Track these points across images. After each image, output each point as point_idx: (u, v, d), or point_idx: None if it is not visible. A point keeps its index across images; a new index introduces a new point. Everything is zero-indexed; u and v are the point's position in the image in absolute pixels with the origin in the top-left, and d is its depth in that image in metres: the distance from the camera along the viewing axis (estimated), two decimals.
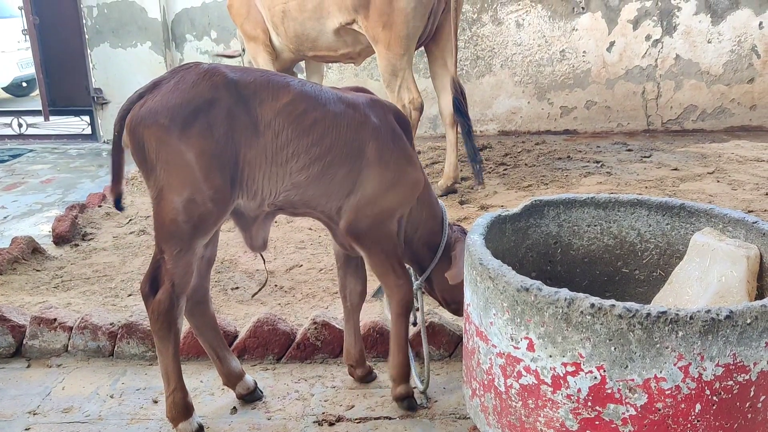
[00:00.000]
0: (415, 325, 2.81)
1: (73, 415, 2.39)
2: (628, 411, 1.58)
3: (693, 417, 1.57)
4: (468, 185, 5.08)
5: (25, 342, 2.79)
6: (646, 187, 4.87)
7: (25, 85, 11.42)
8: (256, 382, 2.47)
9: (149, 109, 1.94)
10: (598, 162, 5.70)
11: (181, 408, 2.18)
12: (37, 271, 3.64)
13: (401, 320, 2.34)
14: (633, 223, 2.37)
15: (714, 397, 1.56)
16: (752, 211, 4.22)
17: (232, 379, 2.41)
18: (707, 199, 4.50)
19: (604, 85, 6.88)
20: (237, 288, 3.42)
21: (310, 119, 2.08)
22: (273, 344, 2.72)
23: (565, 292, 1.60)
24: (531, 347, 1.67)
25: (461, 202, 4.69)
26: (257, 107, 2.03)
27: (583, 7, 6.71)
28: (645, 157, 5.86)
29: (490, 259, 1.81)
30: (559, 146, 6.34)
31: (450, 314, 2.82)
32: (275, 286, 3.44)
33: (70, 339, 2.78)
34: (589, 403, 1.61)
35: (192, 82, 1.96)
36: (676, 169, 5.36)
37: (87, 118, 7.37)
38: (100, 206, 4.70)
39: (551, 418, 1.67)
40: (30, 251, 3.77)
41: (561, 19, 6.75)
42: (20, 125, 7.50)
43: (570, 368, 1.61)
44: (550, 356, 1.63)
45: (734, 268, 1.98)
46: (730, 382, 1.56)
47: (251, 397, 2.44)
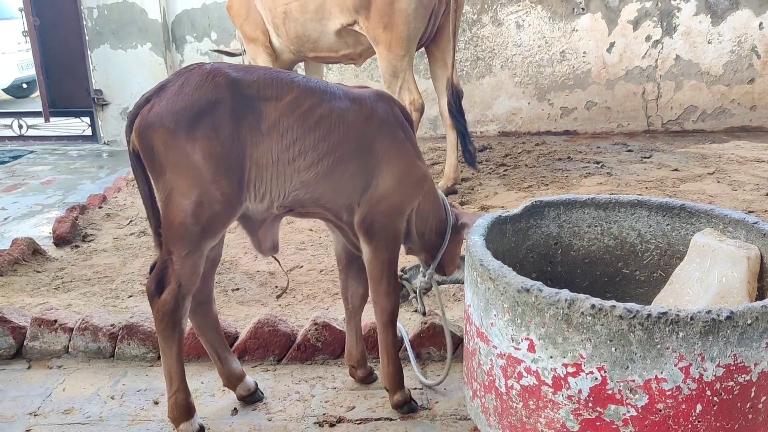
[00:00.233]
0: (425, 314, 2.81)
1: (74, 416, 2.39)
2: (629, 412, 1.58)
3: (694, 417, 1.57)
4: (468, 186, 5.08)
5: (25, 343, 2.79)
6: (647, 188, 4.87)
7: (25, 86, 11.42)
8: (256, 383, 2.47)
9: (156, 113, 1.94)
10: (598, 163, 5.70)
11: (183, 409, 2.18)
12: (38, 272, 3.64)
13: (388, 330, 2.33)
14: (633, 224, 2.37)
15: (715, 398, 1.56)
16: (752, 212, 4.22)
17: (232, 380, 2.41)
18: (707, 200, 4.50)
19: (605, 85, 6.88)
20: (238, 289, 3.42)
21: (316, 115, 2.07)
22: (273, 345, 2.72)
23: (565, 293, 1.60)
24: (532, 348, 1.67)
25: (462, 203, 4.69)
26: (262, 106, 2.01)
27: (583, 8, 6.71)
28: (645, 157, 5.86)
29: (491, 260, 1.81)
30: (559, 147, 6.34)
31: (450, 315, 2.82)
32: (276, 287, 3.44)
33: (70, 340, 2.78)
34: (590, 404, 1.61)
35: (195, 83, 1.96)
36: (676, 170, 5.36)
37: (87, 120, 7.37)
38: (100, 207, 4.70)
39: (552, 419, 1.67)
40: (30, 252, 3.77)
41: (561, 20, 6.76)
42: (20, 126, 7.51)
43: (571, 369, 1.61)
44: (551, 357, 1.63)
45: (735, 269, 1.98)
46: (731, 383, 1.56)
47: (252, 398, 2.44)
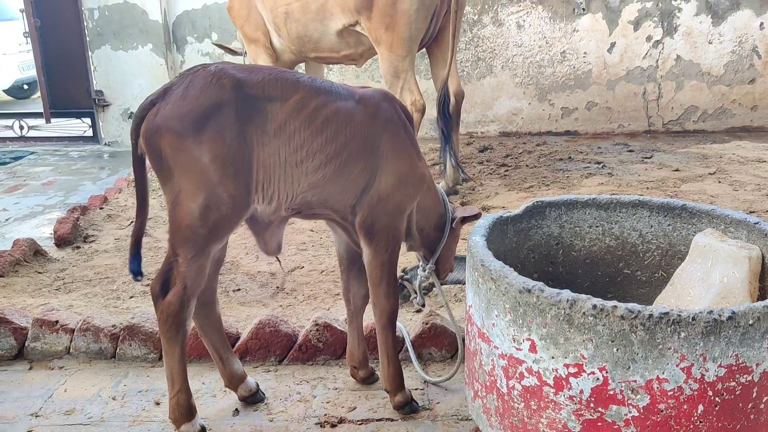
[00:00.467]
0: (423, 306, 2.81)
1: (75, 417, 2.39)
2: (630, 412, 1.58)
3: (695, 418, 1.57)
4: (469, 186, 5.08)
5: (27, 344, 2.79)
6: (648, 188, 4.87)
7: (26, 87, 11.43)
8: (257, 384, 2.47)
9: (162, 117, 1.93)
10: (599, 163, 5.70)
11: (185, 410, 2.18)
12: (39, 273, 3.64)
13: (388, 331, 2.33)
14: (635, 224, 2.37)
15: (716, 398, 1.56)
16: (754, 212, 4.22)
17: (234, 380, 2.41)
18: (709, 200, 4.49)
19: (605, 86, 6.88)
20: (239, 290, 3.42)
21: (323, 116, 2.06)
22: (275, 346, 2.72)
23: (567, 294, 1.60)
24: (533, 348, 1.67)
25: (463, 203, 4.69)
26: (268, 106, 1.99)
27: (583, 9, 6.71)
28: (646, 157, 5.85)
29: (492, 260, 1.81)
30: (560, 147, 6.33)
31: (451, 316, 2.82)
32: (277, 288, 3.44)
33: (72, 341, 2.78)
34: (592, 405, 1.61)
35: (201, 86, 1.94)
36: (677, 170, 5.36)
37: (88, 120, 7.38)
38: (101, 208, 4.70)
39: (554, 419, 1.67)
40: (32, 253, 3.77)
41: (562, 21, 6.76)
42: (21, 127, 7.51)
43: (572, 369, 1.61)
44: (553, 357, 1.63)
45: (736, 269, 1.98)
46: (733, 383, 1.56)
47: (253, 398, 2.44)
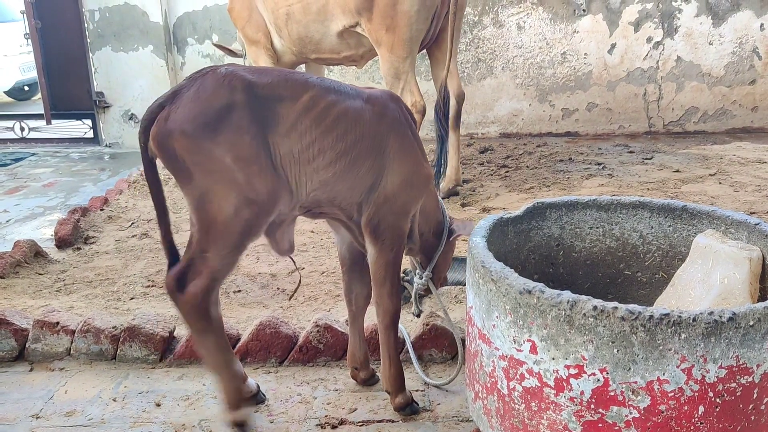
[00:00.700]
0: (419, 316, 2.82)
1: (76, 418, 2.39)
2: (631, 413, 1.58)
3: (696, 419, 1.57)
4: (470, 187, 5.08)
5: (27, 346, 2.79)
6: (648, 189, 4.87)
7: (27, 88, 11.44)
8: (258, 385, 2.47)
9: (174, 121, 1.91)
10: (599, 164, 5.70)
11: (237, 394, 2.19)
12: (40, 274, 3.65)
13: (390, 331, 2.34)
14: (635, 225, 2.37)
15: (717, 399, 1.56)
16: (754, 213, 4.22)
17: None
18: (709, 201, 4.49)
19: (606, 87, 6.89)
20: (239, 291, 3.42)
21: (333, 115, 2.07)
22: (275, 347, 2.72)
23: (567, 295, 1.60)
24: (534, 350, 1.67)
25: (463, 205, 4.69)
26: (279, 107, 2.00)
27: (584, 10, 6.71)
28: (647, 158, 5.85)
29: (493, 261, 1.82)
30: (560, 148, 6.34)
31: (453, 317, 2.82)
32: (277, 289, 3.44)
33: (72, 342, 2.78)
34: (592, 406, 1.61)
35: (212, 88, 1.94)
36: (677, 171, 5.36)
37: (89, 122, 7.38)
38: (102, 210, 4.71)
39: (554, 420, 1.67)
40: (32, 255, 3.77)
41: (562, 22, 6.76)
42: (22, 129, 7.51)
43: (573, 371, 1.61)
44: (553, 359, 1.63)
45: (737, 270, 1.98)
46: (733, 384, 1.56)
47: (254, 400, 2.44)
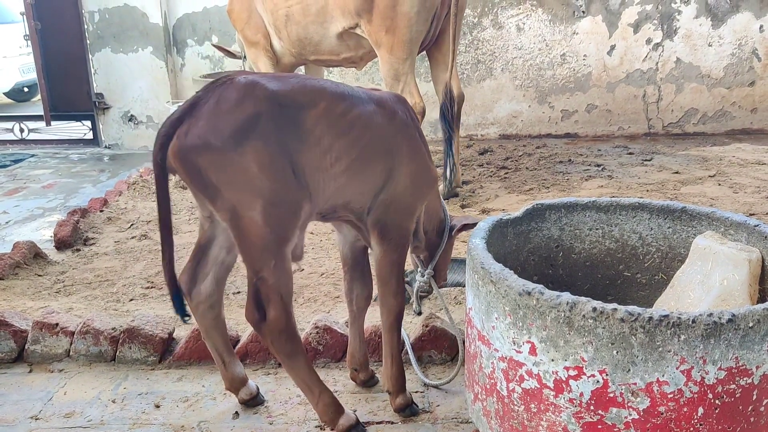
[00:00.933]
0: (420, 314, 2.82)
1: (75, 419, 2.39)
2: (630, 415, 1.58)
3: (695, 420, 1.57)
4: (469, 189, 5.08)
5: (27, 347, 2.79)
6: (648, 191, 4.87)
7: (26, 90, 11.43)
8: (258, 387, 2.47)
9: (197, 135, 1.87)
10: (599, 165, 5.70)
11: (335, 406, 2.19)
12: (39, 276, 3.64)
13: (394, 331, 2.34)
14: (635, 227, 2.37)
15: (716, 401, 1.56)
16: (754, 215, 4.22)
17: (235, 383, 2.40)
18: (709, 203, 4.49)
19: (605, 88, 6.89)
20: (238, 292, 3.42)
21: (348, 119, 2.08)
22: None
23: (567, 296, 1.60)
24: (533, 351, 1.67)
25: (463, 206, 4.69)
26: (300, 114, 2.00)
27: (583, 11, 6.72)
28: (646, 160, 5.85)
29: (492, 263, 1.82)
30: (560, 150, 6.34)
31: (451, 320, 2.83)
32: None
33: (71, 344, 2.78)
34: (592, 407, 1.61)
35: (234, 99, 1.91)
36: (677, 173, 5.36)
37: (88, 123, 7.38)
38: (101, 211, 4.70)
39: (554, 422, 1.67)
40: (32, 256, 3.77)
41: (561, 23, 6.76)
42: (22, 130, 7.51)
43: (572, 372, 1.61)
44: (552, 360, 1.63)
45: (736, 272, 1.98)
46: (733, 386, 1.56)
47: (253, 401, 2.44)
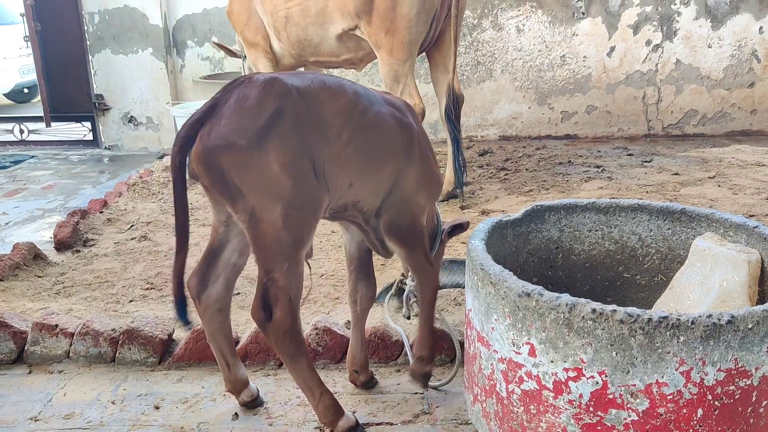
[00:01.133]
0: (410, 319, 2.83)
1: (75, 421, 2.39)
2: (630, 416, 1.58)
3: (695, 422, 1.57)
4: (469, 190, 5.08)
5: (26, 348, 2.79)
6: (647, 192, 4.87)
7: (26, 91, 11.43)
8: (258, 389, 2.47)
9: (221, 135, 1.88)
10: (598, 167, 5.70)
11: (335, 408, 2.19)
12: (39, 277, 3.64)
13: (433, 305, 2.43)
14: (634, 228, 2.37)
15: (716, 402, 1.56)
16: (753, 216, 4.22)
17: (237, 386, 2.40)
18: (708, 204, 4.49)
19: (605, 89, 6.89)
20: (238, 294, 3.41)
21: (367, 119, 2.10)
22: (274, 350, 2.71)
23: (566, 298, 1.60)
24: (532, 352, 1.67)
25: (462, 207, 4.69)
26: (320, 111, 2.01)
27: (583, 13, 6.72)
28: (646, 161, 5.85)
29: (492, 264, 1.82)
30: (559, 151, 6.34)
31: (452, 319, 2.82)
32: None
33: (71, 345, 2.78)
34: (591, 409, 1.61)
35: (256, 97, 1.91)
36: (677, 174, 5.36)
37: (88, 124, 7.38)
38: (101, 212, 4.70)
39: (553, 423, 1.67)
40: (31, 257, 3.77)
41: (561, 25, 6.77)
42: (22, 131, 7.51)
43: (572, 373, 1.61)
44: (552, 361, 1.63)
45: (735, 273, 1.98)
46: (732, 387, 1.56)
47: (254, 403, 2.44)
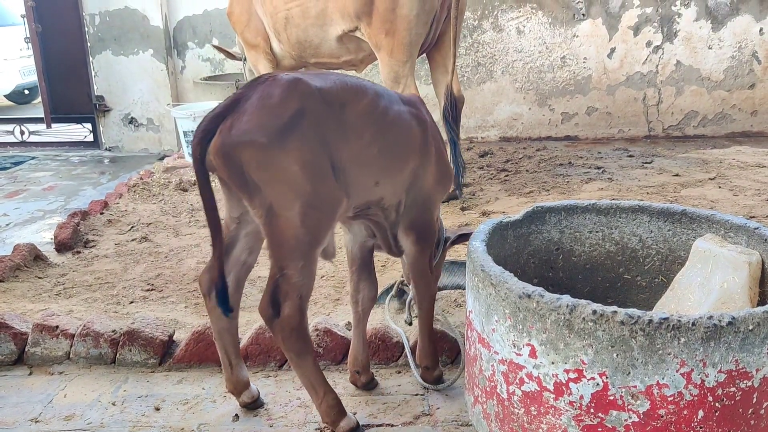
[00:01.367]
0: (411, 324, 2.83)
1: (75, 422, 2.39)
2: (630, 418, 1.58)
3: (695, 423, 1.57)
4: (469, 191, 5.08)
5: (27, 349, 2.79)
6: (648, 193, 4.87)
7: (27, 92, 11.44)
8: (258, 391, 2.47)
9: (243, 131, 1.89)
10: (599, 168, 5.70)
11: (338, 408, 2.19)
12: (39, 278, 3.64)
13: (431, 314, 2.44)
14: (635, 230, 2.37)
15: (716, 404, 1.56)
16: (754, 217, 4.22)
17: (239, 386, 2.40)
18: (709, 205, 4.49)
19: (605, 91, 6.89)
20: None
21: (388, 118, 2.12)
22: (275, 351, 2.71)
23: (567, 299, 1.60)
24: (533, 354, 1.67)
25: (462, 209, 4.69)
26: (342, 113, 2.02)
27: (583, 14, 6.73)
28: (646, 163, 5.86)
29: (492, 265, 1.82)
30: (560, 152, 6.34)
31: (452, 321, 2.82)
32: None
33: (71, 346, 2.78)
34: (592, 410, 1.61)
35: (279, 95, 1.93)
36: (677, 175, 5.36)
37: (89, 126, 7.39)
38: (102, 213, 4.70)
39: (554, 425, 1.67)
40: (32, 258, 3.77)
41: (562, 26, 6.77)
42: (22, 132, 7.52)
43: (572, 375, 1.61)
44: (553, 363, 1.63)
45: (736, 275, 1.98)
46: (733, 389, 1.56)
47: (254, 405, 2.43)
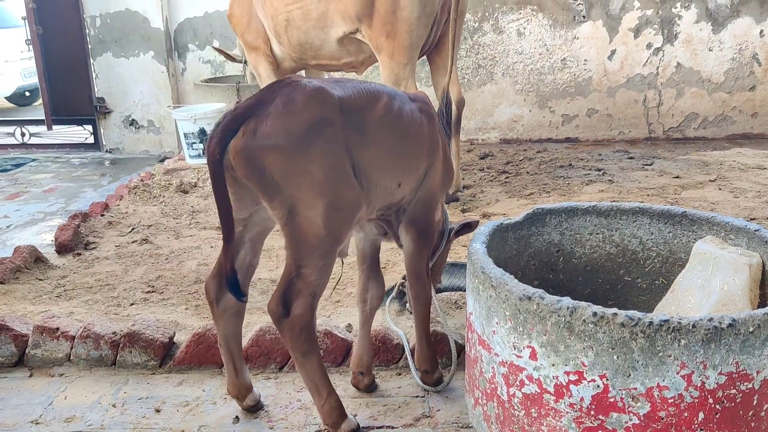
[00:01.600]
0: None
1: (76, 424, 2.39)
2: (631, 420, 1.58)
3: (696, 426, 1.57)
4: (470, 193, 5.08)
5: (27, 351, 2.79)
6: (648, 195, 4.87)
7: (28, 94, 11.46)
8: (260, 394, 2.46)
9: (265, 134, 1.90)
10: (599, 170, 5.70)
11: (340, 410, 2.19)
12: (40, 280, 3.64)
13: (427, 318, 2.45)
14: (635, 231, 2.37)
15: (717, 406, 1.56)
16: (754, 219, 4.22)
17: (242, 390, 2.39)
18: (709, 207, 4.49)
19: (606, 93, 6.90)
20: None
21: (402, 120, 2.15)
22: (275, 353, 2.71)
23: (567, 301, 1.60)
24: (533, 356, 1.67)
25: (463, 210, 4.69)
26: (362, 117, 2.06)
27: (584, 16, 6.73)
28: (647, 164, 5.86)
29: (492, 267, 1.82)
30: (560, 154, 6.34)
31: (452, 323, 2.83)
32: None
33: (72, 348, 2.78)
34: (592, 412, 1.61)
35: (303, 101, 1.95)
36: (677, 177, 5.36)
37: (90, 128, 7.40)
38: (102, 215, 4.71)
39: (554, 427, 1.67)
40: (32, 260, 3.77)
41: (562, 28, 6.78)
42: (23, 134, 7.53)
43: (573, 377, 1.61)
44: (553, 365, 1.63)
45: (736, 276, 1.98)
46: (733, 391, 1.56)
47: (256, 407, 2.43)
